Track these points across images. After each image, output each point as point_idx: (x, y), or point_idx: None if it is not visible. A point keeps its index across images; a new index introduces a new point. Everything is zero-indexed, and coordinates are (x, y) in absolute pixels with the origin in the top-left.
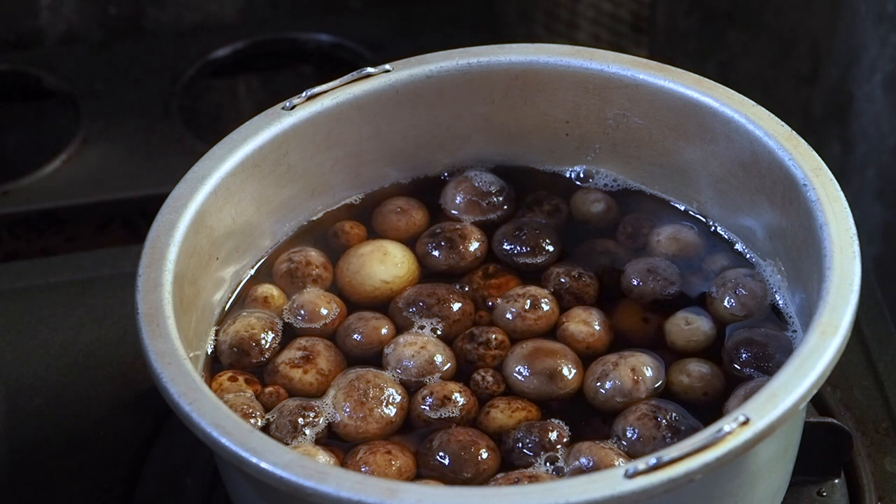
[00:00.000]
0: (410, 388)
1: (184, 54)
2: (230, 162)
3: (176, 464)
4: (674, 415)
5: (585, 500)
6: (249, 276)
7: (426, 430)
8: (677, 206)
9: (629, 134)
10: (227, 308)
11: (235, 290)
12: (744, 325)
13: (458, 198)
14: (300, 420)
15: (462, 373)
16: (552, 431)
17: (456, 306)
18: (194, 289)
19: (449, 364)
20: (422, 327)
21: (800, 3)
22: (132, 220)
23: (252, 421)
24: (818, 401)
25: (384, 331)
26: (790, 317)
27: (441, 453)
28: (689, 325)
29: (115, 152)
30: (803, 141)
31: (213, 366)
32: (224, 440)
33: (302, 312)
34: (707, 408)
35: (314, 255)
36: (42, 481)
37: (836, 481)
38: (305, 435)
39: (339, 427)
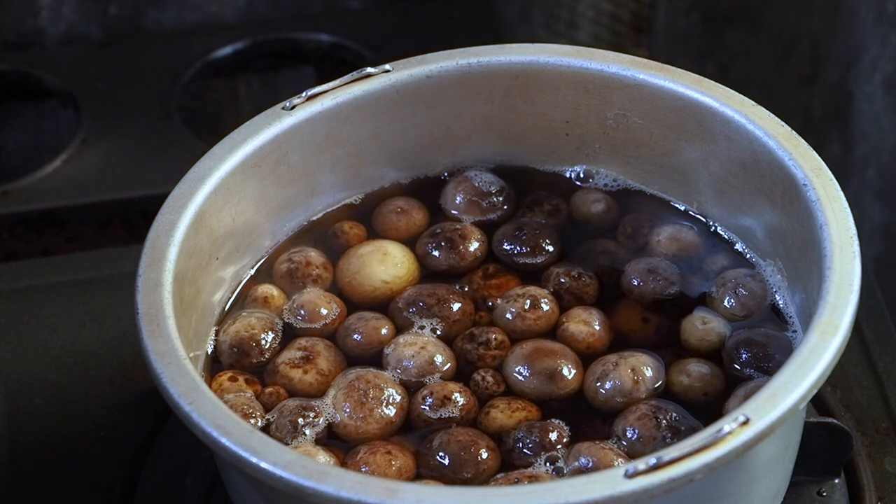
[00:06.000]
0: (410, 389)
1: (184, 54)
2: (230, 162)
3: (176, 464)
4: (674, 415)
5: (585, 500)
6: (249, 276)
7: (426, 430)
8: (677, 206)
9: (629, 134)
10: (227, 308)
11: (235, 290)
12: (744, 325)
13: (458, 198)
14: (300, 420)
15: (462, 373)
16: (552, 431)
17: (456, 306)
18: (194, 289)
19: (449, 364)
20: (422, 327)
21: (800, 3)
22: (132, 220)
23: (252, 421)
24: (818, 401)
25: (384, 331)
26: (790, 317)
27: (441, 453)
28: (704, 325)
29: (115, 152)
30: (803, 141)
31: (213, 366)
32: (224, 440)
33: (302, 312)
34: (707, 408)
35: (314, 255)
36: (42, 481)
37: (836, 481)
38: (305, 435)
39: (339, 427)
